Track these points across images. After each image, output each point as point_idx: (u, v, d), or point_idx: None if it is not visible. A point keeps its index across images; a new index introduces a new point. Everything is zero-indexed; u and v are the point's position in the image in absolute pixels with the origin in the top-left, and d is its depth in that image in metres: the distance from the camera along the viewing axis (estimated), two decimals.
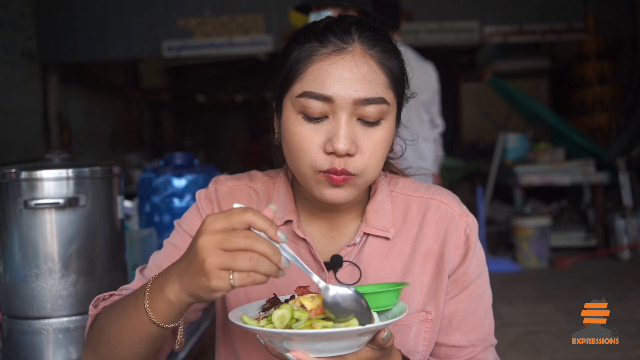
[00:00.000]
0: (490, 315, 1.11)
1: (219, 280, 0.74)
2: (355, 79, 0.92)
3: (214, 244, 0.74)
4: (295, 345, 0.79)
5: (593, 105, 6.75)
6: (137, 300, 0.88)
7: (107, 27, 7.01)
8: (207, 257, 0.74)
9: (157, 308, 0.85)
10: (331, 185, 0.95)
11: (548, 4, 6.88)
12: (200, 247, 0.75)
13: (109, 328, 0.93)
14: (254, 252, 0.73)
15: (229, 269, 0.74)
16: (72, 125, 7.70)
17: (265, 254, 0.74)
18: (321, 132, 0.93)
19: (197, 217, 1.11)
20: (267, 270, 0.74)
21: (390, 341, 0.83)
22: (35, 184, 1.25)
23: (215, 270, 0.74)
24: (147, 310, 0.86)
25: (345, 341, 0.80)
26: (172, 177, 2.08)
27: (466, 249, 1.06)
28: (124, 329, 0.91)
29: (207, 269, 0.74)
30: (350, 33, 0.95)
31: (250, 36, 7.03)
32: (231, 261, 0.73)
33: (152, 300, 0.85)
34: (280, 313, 0.82)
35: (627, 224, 5.70)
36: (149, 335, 0.89)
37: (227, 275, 0.74)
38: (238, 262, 0.73)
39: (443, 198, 1.09)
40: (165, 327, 0.87)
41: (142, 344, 0.91)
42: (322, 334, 0.77)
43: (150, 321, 0.86)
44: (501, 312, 4.16)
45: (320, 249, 1.07)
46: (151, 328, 0.87)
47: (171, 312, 0.85)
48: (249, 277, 0.74)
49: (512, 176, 6.20)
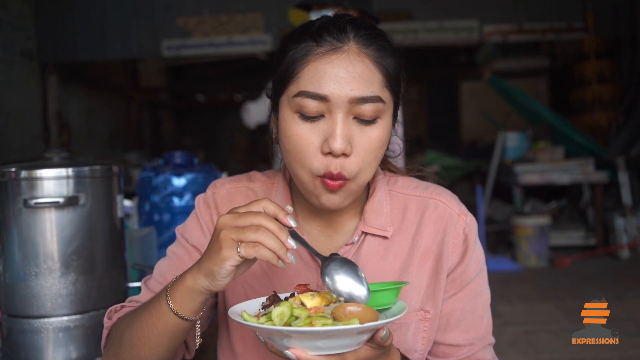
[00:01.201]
0: (489, 314, 1.11)
1: (228, 249, 0.83)
2: (351, 77, 0.92)
3: (230, 220, 0.84)
4: (294, 343, 0.79)
5: (592, 104, 6.75)
6: (160, 296, 0.94)
7: (106, 27, 7.02)
8: (222, 229, 0.84)
9: (177, 296, 0.91)
10: (326, 192, 0.95)
11: (547, 3, 6.89)
12: (219, 222, 0.85)
13: (131, 329, 0.97)
14: (259, 226, 0.82)
15: (237, 239, 0.82)
16: (71, 125, 7.70)
17: (270, 229, 0.82)
18: (318, 132, 0.93)
19: (197, 226, 1.11)
20: (273, 244, 0.81)
21: (389, 340, 0.83)
22: (35, 183, 1.25)
23: (227, 239, 0.83)
24: (168, 301, 0.91)
25: (344, 339, 0.80)
26: (172, 176, 2.08)
27: (465, 248, 1.06)
28: (145, 325, 0.95)
29: (221, 238, 0.83)
30: (346, 32, 0.95)
31: (249, 35, 7.03)
32: (240, 233, 0.82)
33: (173, 291, 0.92)
34: (280, 310, 0.82)
35: (626, 223, 5.70)
36: (169, 328, 0.93)
37: (235, 245, 0.83)
38: (246, 234, 0.82)
39: (441, 197, 1.09)
40: (184, 318, 0.92)
41: (162, 339, 0.94)
42: (321, 332, 0.77)
43: (170, 311, 0.91)
44: (500, 311, 4.17)
45: (318, 247, 1.07)
46: (171, 319, 0.92)
47: (188, 299, 0.90)
48: (255, 248, 0.81)
49: (512, 175, 6.21)
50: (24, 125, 6.70)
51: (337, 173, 0.93)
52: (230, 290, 1.10)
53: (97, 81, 8.80)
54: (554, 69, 9.12)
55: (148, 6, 7.01)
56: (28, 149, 6.55)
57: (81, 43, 7.04)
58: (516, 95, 6.68)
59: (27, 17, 6.80)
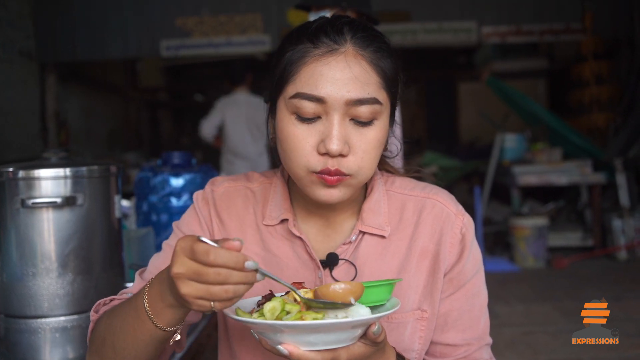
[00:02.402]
0: (486, 315, 1.11)
1: (199, 307, 0.78)
2: (347, 79, 0.92)
3: (187, 276, 0.76)
4: (286, 338, 0.80)
5: (590, 106, 6.76)
6: (138, 307, 0.89)
7: (105, 27, 7.01)
8: (182, 287, 0.77)
9: (160, 313, 0.87)
10: (325, 186, 0.96)
11: (546, 5, 6.90)
12: (175, 278, 0.77)
13: (113, 334, 0.94)
14: (229, 285, 0.76)
15: (206, 299, 0.77)
16: (69, 125, 7.69)
17: (240, 283, 0.76)
18: (314, 132, 0.94)
19: (195, 219, 1.12)
20: (243, 292, 0.77)
21: (381, 336, 0.84)
22: (32, 182, 1.25)
23: (192, 300, 0.77)
24: (150, 316, 0.87)
25: (336, 334, 0.80)
26: (170, 176, 2.08)
27: (462, 248, 1.07)
28: (128, 335, 0.92)
29: (186, 298, 0.77)
30: (343, 34, 0.95)
31: (248, 36, 7.03)
32: (207, 294, 0.76)
33: (154, 306, 0.87)
34: (271, 305, 0.83)
35: (624, 224, 5.71)
36: (154, 339, 0.91)
37: (207, 303, 0.77)
38: (215, 295, 0.76)
39: (439, 197, 1.10)
40: (169, 330, 0.89)
41: (148, 349, 0.92)
42: (312, 326, 0.77)
43: (155, 326, 0.87)
44: (498, 312, 4.17)
45: (317, 247, 1.08)
46: (156, 333, 0.89)
47: (174, 316, 0.87)
48: (231, 302, 0.77)
49: (510, 176, 6.21)
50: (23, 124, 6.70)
51: (334, 170, 0.93)
52: None
53: (95, 81, 8.79)
54: (552, 70, 9.13)
55: (147, 6, 7.00)
56: (26, 148, 6.54)
57: (80, 42, 7.04)
58: (514, 97, 6.69)
59: (26, 17, 6.79)
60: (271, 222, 1.09)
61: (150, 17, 7.01)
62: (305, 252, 1.06)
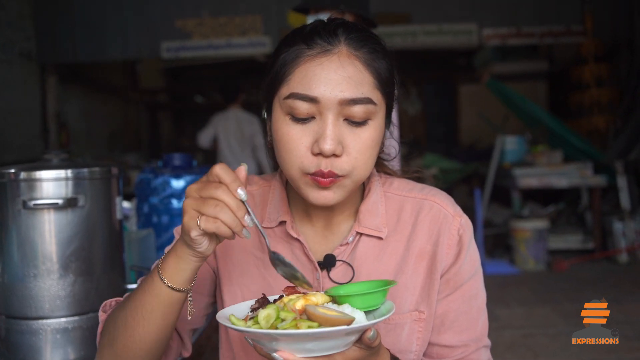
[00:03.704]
0: (484, 317, 1.11)
1: (190, 219, 0.86)
2: (341, 79, 0.93)
3: (193, 190, 0.87)
4: (282, 346, 0.80)
5: (591, 108, 6.76)
6: (152, 273, 0.96)
7: (105, 28, 7.01)
8: (186, 198, 0.87)
9: (168, 269, 0.93)
10: (319, 188, 0.96)
11: (546, 7, 6.90)
12: (186, 191, 0.88)
13: (125, 312, 0.98)
14: (219, 201, 0.84)
15: (198, 210, 0.85)
16: (70, 126, 7.69)
17: (228, 205, 0.84)
18: (308, 133, 0.94)
19: None
20: (230, 221, 0.84)
21: (376, 340, 0.84)
22: (34, 184, 1.25)
23: (189, 209, 0.86)
24: (160, 274, 0.93)
25: (331, 341, 0.80)
26: (171, 178, 2.07)
27: (459, 249, 1.07)
28: (138, 304, 0.96)
29: (185, 207, 0.86)
30: (337, 35, 0.96)
31: (248, 37, 7.03)
32: (200, 205, 0.85)
33: (164, 264, 0.94)
34: (266, 313, 0.83)
35: (624, 226, 5.71)
36: (161, 302, 0.94)
37: (196, 215, 0.85)
38: (205, 207, 0.84)
39: (437, 198, 1.10)
40: (175, 289, 0.93)
41: (156, 315, 0.95)
42: (308, 334, 0.78)
43: (162, 283, 0.93)
44: (498, 315, 4.17)
45: (314, 248, 1.08)
46: (163, 292, 0.93)
47: (178, 269, 0.92)
48: (215, 224, 0.84)
49: (510, 178, 6.21)
50: (23, 125, 6.70)
51: (327, 171, 0.93)
52: (227, 291, 1.10)
53: (96, 82, 8.79)
54: (553, 73, 9.14)
55: (147, 7, 7.01)
56: (27, 150, 6.54)
57: (80, 44, 7.04)
58: (514, 99, 6.69)
59: (26, 18, 6.79)
60: (270, 225, 1.10)
61: (150, 19, 7.02)
62: (303, 254, 1.07)
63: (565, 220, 6.55)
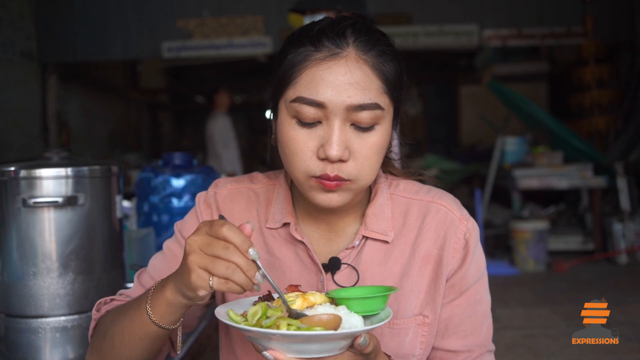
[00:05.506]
0: (489, 321, 1.10)
1: (198, 278, 0.81)
2: (348, 84, 0.91)
3: (198, 244, 0.81)
4: (274, 345, 0.80)
5: (591, 109, 6.75)
6: (140, 302, 0.94)
7: (106, 28, 7.02)
8: (190, 254, 0.82)
9: (157, 308, 0.91)
10: (324, 191, 0.95)
11: (547, 8, 6.90)
12: (188, 245, 0.82)
13: (113, 329, 0.97)
14: (230, 262, 0.79)
15: (207, 270, 0.80)
16: (70, 125, 7.69)
17: (239, 266, 0.79)
18: (314, 137, 0.93)
19: (196, 222, 1.11)
20: (242, 281, 0.80)
21: (369, 347, 0.82)
22: (34, 182, 1.25)
23: (195, 267, 0.81)
24: (148, 310, 0.91)
25: (324, 344, 0.80)
26: (171, 177, 2.07)
27: (465, 253, 1.06)
28: (126, 329, 0.95)
29: (190, 265, 0.81)
30: (345, 37, 0.94)
31: (249, 37, 7.03)
32: (210, 264, 0.80)
33: (153, 301, 0.91)
34: (254, 310, 0.85)
35: (624, 228, 5.70)
36: (149, 335, 0.93)
37: (206, 276, 0.81)
38: (216, 267, 0.80)
39: (443, 201, 1.08)
40: (164, 328, 0.92)
41: (142, 344, 0.95)
42: (300, 336, 0.78)
43: (150, 320, 0.91)
44: (499, 315, 4.17)
45: (319, 250, 1.07)
46: (151, 328, 0.92)
47: (169, 312, 0.90)
48: (227, 284, 0.80)
49: (510, 179, 6.21)
50: (23, 124, 6.70)
51: (334, 175, 0.92)
52: None
53: (96, 82, 8.79)
54: (553, 74, 9.14)
55: (148, 7, 7.01)
56: (27, 149, 6.54)
57: (81, 43, 7.04)
58: (515, 100, 6.69)
59: (27, 17, 6.79)
60: (274, 225, 1.08)
61: (151, 19, 7.02)
62: (307, 256, 1.05)
63: (565, 221, 6.55)
